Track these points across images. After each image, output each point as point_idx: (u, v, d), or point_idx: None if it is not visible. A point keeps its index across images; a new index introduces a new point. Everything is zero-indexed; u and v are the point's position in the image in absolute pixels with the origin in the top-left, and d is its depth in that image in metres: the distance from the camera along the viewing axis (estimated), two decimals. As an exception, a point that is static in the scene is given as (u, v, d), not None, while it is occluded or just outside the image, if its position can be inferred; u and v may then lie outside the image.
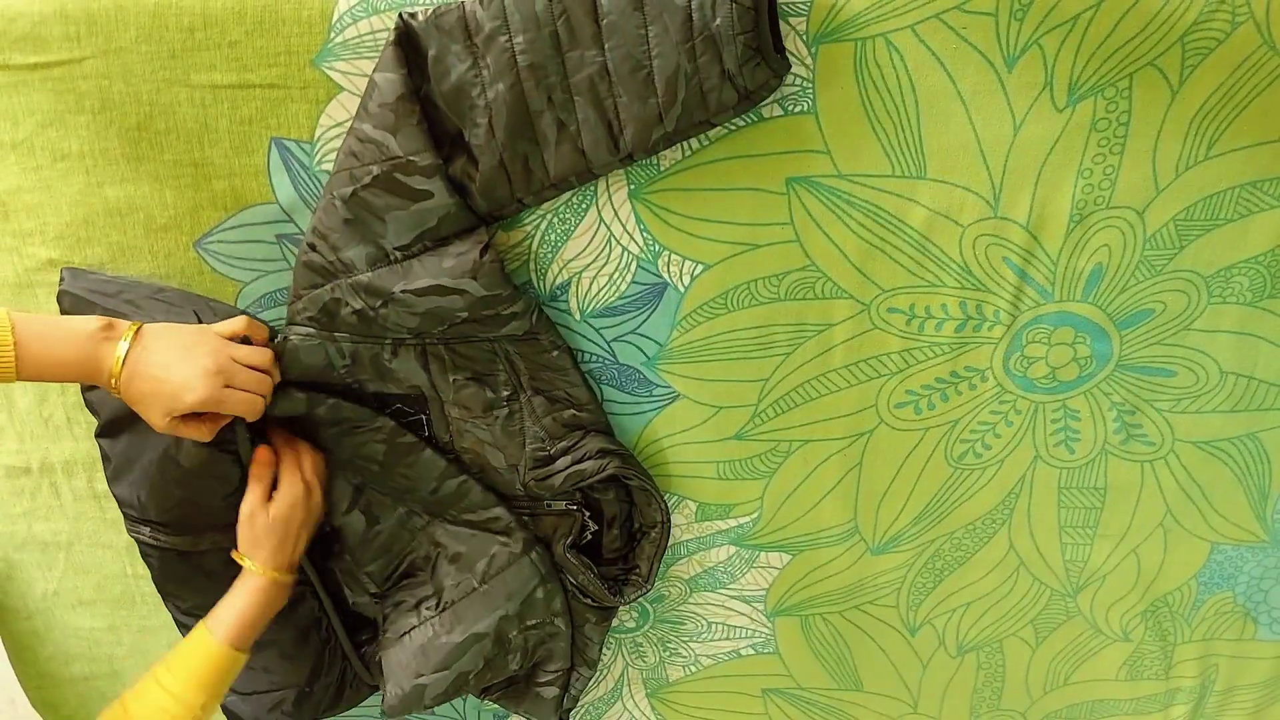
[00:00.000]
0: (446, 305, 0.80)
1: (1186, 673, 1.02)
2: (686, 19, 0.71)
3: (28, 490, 0.97)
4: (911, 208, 0.81)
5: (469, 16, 0.73)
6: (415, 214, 0.78)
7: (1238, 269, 0.82)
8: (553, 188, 0.79)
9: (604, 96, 0.74)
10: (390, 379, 0.87)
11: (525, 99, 0.75)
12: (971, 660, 1.04)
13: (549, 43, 0.73)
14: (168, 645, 1.02)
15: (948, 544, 0.96)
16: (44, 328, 0.71)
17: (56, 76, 0.79)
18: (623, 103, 0.74)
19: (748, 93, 0.74)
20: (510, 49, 0.73)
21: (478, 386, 0.88)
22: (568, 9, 0.72)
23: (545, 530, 0.94)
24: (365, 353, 0.84)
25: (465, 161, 0.78)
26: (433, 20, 0.74)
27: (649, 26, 0.72)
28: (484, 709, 1.09)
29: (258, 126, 0.81)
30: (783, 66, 0.74)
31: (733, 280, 0.85)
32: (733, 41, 0.70)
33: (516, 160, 0.77)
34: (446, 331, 0.83)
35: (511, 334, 0.84)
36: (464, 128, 0.76)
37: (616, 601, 0.95)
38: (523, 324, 0.83)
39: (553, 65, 0.74)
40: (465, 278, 0.78)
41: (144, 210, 0.85)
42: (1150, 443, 0.90)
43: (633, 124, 0.75)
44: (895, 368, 0.87)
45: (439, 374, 0.87)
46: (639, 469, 0.91)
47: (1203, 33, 0.73)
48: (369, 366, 0.85)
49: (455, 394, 0.89)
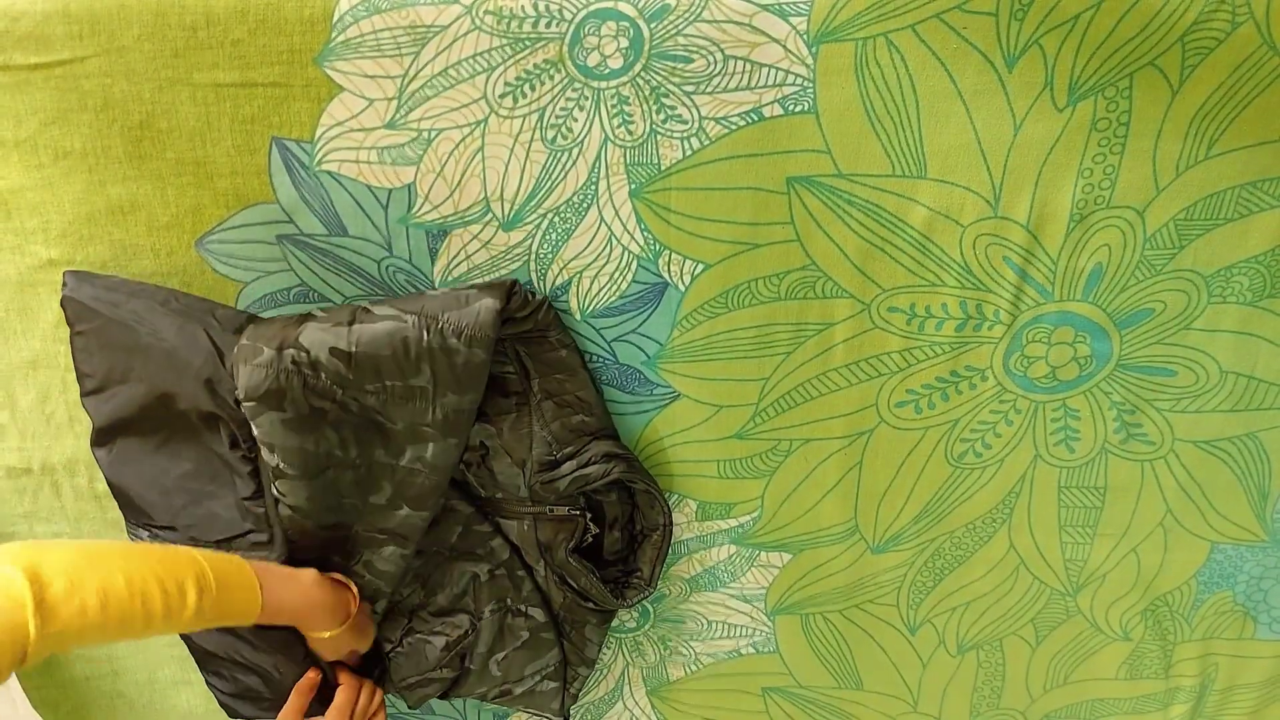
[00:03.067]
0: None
1: (1186, 672, 1.02)
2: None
3: (29, 490, 0.97)
4: (912, 207, 0.81)
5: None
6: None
7: (1238, 269, 0.82)
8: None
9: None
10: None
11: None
12: (971, 659, 1.04)
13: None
14: (168, 645, 1.03)
15: (948, 543, 0.96)
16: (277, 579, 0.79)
17: (59, 75, 0.79)
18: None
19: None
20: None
21: (488, 389, 0.88)
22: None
23: (547, 535, 0.94)
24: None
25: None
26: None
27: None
28: (484, 709, 1.09)
29: (259, 126, 0.82)
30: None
31: (733, 279, 0.85)
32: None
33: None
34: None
35: (520, 329, 0.85)
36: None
37: (619, 604, 0.95)
38: (529, 320, 0.84)
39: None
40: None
41: (146, 209, 0.85)
42: (1150, 442, 0.90)
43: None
44: (895, 367, 0.88)
45: None
46: (644, 473, 0.92)
47: (1203, 32, 0.73)
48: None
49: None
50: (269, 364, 0.78)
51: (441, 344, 0.80)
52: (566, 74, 0.79)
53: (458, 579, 0.95)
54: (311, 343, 0.79)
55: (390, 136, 0.82)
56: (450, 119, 0.81)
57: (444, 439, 0.84)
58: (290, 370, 0.79)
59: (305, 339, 0.79)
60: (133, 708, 1.09)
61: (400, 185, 0.84)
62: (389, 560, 0.88)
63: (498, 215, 0.85)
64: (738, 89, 0.78)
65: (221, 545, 0.85)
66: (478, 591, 0.95)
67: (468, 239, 0.86)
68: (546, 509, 0.93)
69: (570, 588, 0.95)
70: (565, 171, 0.83)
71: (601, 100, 0.80)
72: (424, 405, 0.82)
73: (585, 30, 0.77)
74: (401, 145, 0.82)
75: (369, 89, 0.80)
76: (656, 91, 0.79)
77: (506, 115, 0.81)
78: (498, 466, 0.93)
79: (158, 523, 0.87)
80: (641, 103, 0.79)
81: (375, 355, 0.80)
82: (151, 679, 1.06)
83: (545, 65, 0.79)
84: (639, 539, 0.96)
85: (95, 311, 0.82)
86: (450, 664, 0.96)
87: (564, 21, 0.77)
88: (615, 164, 0.82)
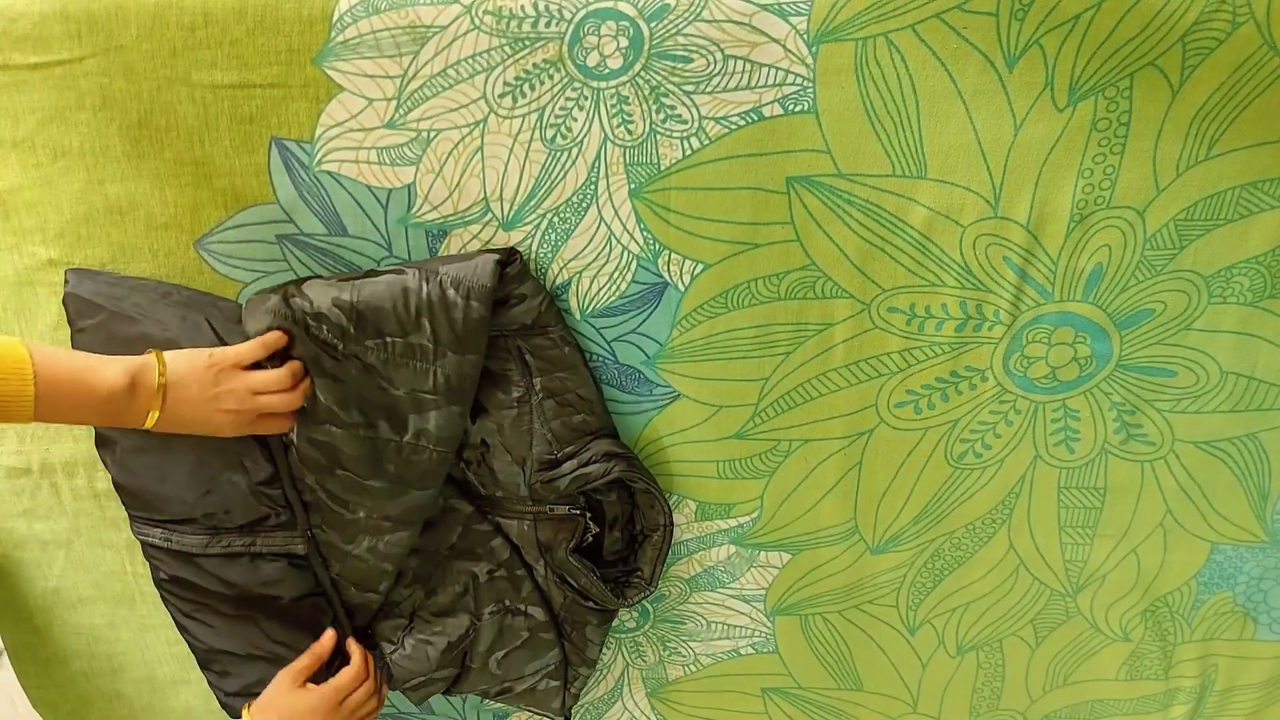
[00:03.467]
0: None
1: (1186, 673, 1.02)
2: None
3: (28, 490, 0.97)
4: (912, 207, 0.81)
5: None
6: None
7: (1238, 269, 0.82)
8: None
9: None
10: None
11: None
12: (971, 660, 1.04)
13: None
14: (168, 643, 1.03)
15: (947, 543, 0.96)
16: (67, 382, 0.70)
17: (58, 75, 0.79)
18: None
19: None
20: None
21: (489, 385, 0.88)
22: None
23: (547, 534, 0.94)
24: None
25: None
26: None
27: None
28: (484, 708, 1.09)
29: (258, 125, 0.81)
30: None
31: (733, 279, 0.85)
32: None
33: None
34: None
35: (520, 320, 0.85)
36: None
37: (620, 604, 0.95)
38: (530, 310, 0.84)
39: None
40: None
41: (144, 208, 0.85)
42: (1150, 443, 0.90)
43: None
44: (895, 367, 0.87)
45: None
46: (644, 472, 0.92)
47: (1203, 33, 0.73)
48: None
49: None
50: (276, 309, 0.80)
51: (440, 295, 0.81)
52: (566, 74, 0.79)
53: (457, 579, 0.95)
54: (315, 294, 0.81)
55: (390, 136, 0.82)
56: (450, 119, 0.81)
57: (446, 405, 0.84)
58: (298, 315, 0.80)
59: (310, 290, 0.81)
60: (131, 707, 1.09)
61: (400, 185, 0.84)
62: (394, 544, 0.89)
63: (497, 215, 0.85)
64: (737, 89, 0.78)
65: (243, 531, 0.86)
66: (478, 591, 0.95)
67: (467, 239, 0.86)
68: (547, 508, 0.93)
69: (570, 587, 0.95)
70: (565, 171, 0.82)
71: (601, 100, 0.80)
72: (424, 366, 0.82)
73: (585, 30, 0.77)
74: (401, 145, 0.82)
75: (368, 89, 0.80)
76: (656, 91, 0.79)
77: (506, 115, 0.81)
78: (498, 465, 0.93)
79: (171, 517, 0.87)
80: (641, 102, 0.79)
81: (376, 308, 0.81)
82: (150, 677, 1.06)
83: (545, 65, 0.79)
84: (639, 539, 0.96)
85: (98, 306, 0.82)
86: (450, 663, 0.96)
87: (563, 21, 0.77)
88: (615, 164, 0.82)
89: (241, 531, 0.87)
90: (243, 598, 0.89)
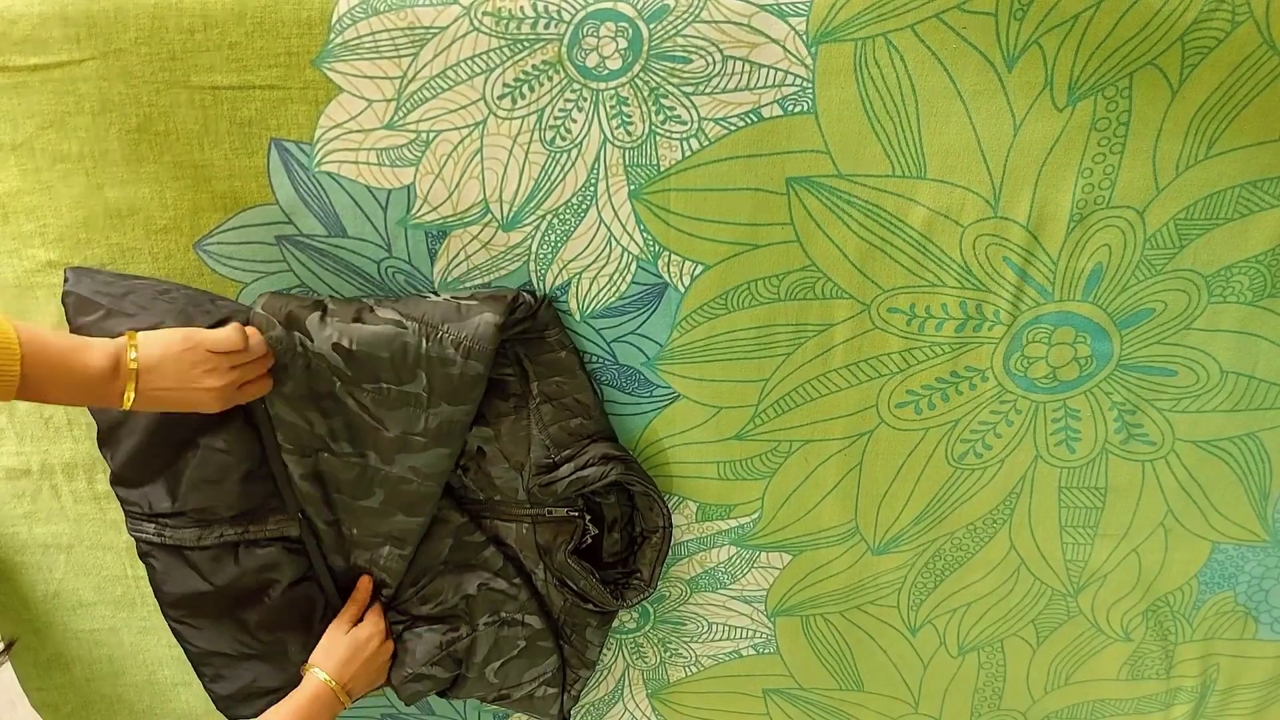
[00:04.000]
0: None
1: (1187, 672, 1.02)
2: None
3: (28, 492, 0.97)
4: (912, 208, 0.81)
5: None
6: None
7: (1238, 268, 0.82)
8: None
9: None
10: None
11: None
12: (972, 660, 1.04)
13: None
14: (168, 646, 1.02)
15: (948, 544, 0.96)
16: (54, 361, 0.70)
17: (57, 78, 0.79)
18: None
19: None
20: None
21: (486, 392, 0.88)
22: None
23: (546, 537, 0.94)
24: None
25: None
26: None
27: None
28: (484, 709, 1.09)
29: (257, 128, 0.81)
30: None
31: (733, 280, 0.85)
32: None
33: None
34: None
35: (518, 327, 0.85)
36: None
37: (619, 605, 0.95)
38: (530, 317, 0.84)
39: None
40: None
41: (144, 212, 0.85)
42: (1151, 442, 0.90)
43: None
44: (895, 368, 0.87)
45: None
46: (642, 474, 0.91)
47: (1203, 32, 0.73)
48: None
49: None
50: (280, 340, 0.82)
51: (440, 354, 0.82)
52: (565, 75, 0.79)
53: (450, 593, 0.95)
54: (316, 333, 0.82)
55: (389, 138, 0.82)
56: (449, 120, 0.81)
57: (435, 447, 0.86)
58: (298, 351, 0.82)
59: (311, 328, 0.82)
60: (132, 710, 1.09)
61: (399, 186, 0.84)
62: (389, 558, 0.91)
63: (497, 216, 0.85)
64: (737, 89, 0.78)
65: (241, 521, 0.87)
66: (471, 604, 0.95)
67: (467, 240, 0.86)
68: (545, 511, 0.93)
69: (570, 590, 0.95)
70: (564, 172, 0.82)
71: (600, 101, 0.80)
72: (417, 412, 0.84)
73: (584, 31, 0.77)
74: (400, 146, 0.82)
75: (368, 90, 0.80)
76: (655, 92, 0.79)
77: (505, 116, 0.81)
78: (495, 470, 0.92)
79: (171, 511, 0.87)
80: (640, 103, 0.79)
81: (374, 356, 0.82)
82: (151, 680, 1.06)
83: (544, 66, 0.79)
84: (638, 541, 0.96)
85: (96, 304, 0.82)
86: (443, 663, 0.96)
87: (563, 22, 0.77)
88: (614, 165, 0.82)
89: (234, 521, 0.87)
90: (228, 594, 0.89)
